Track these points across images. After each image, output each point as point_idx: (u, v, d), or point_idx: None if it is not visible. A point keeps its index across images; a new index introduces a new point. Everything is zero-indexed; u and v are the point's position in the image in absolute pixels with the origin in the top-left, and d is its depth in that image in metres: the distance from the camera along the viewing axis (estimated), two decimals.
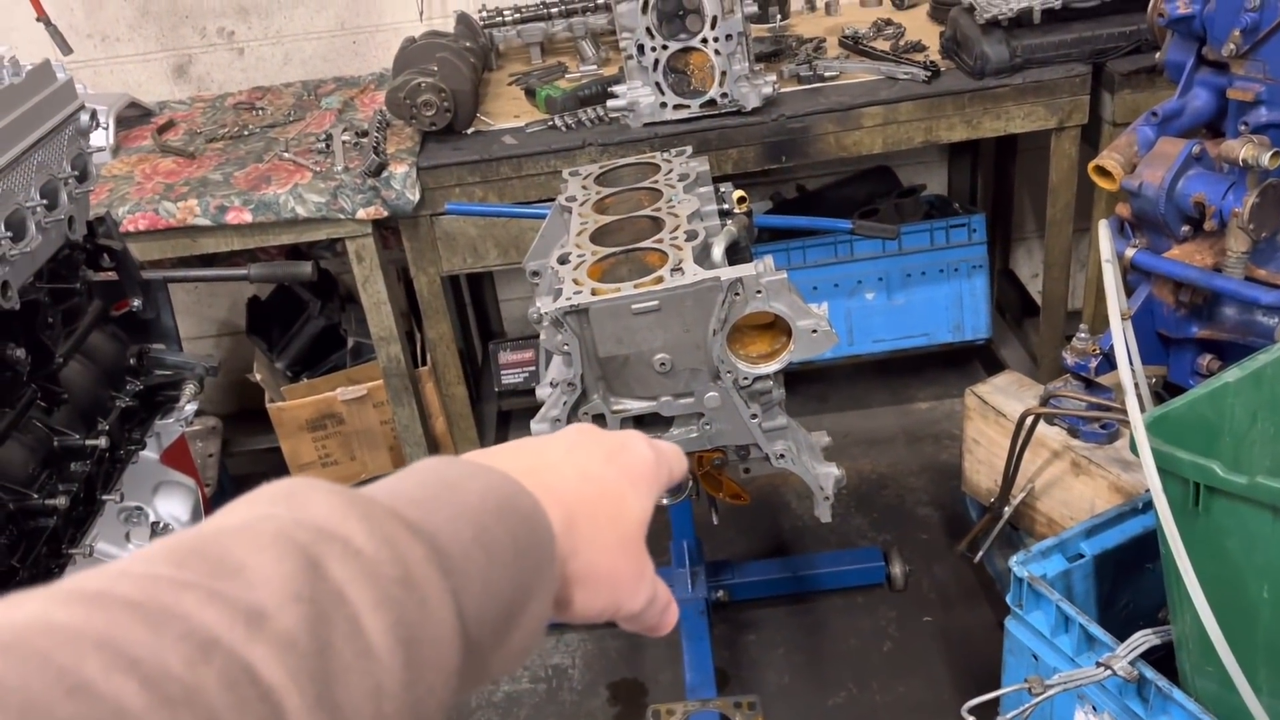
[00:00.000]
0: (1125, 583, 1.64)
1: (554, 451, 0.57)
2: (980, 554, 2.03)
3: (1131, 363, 1.43)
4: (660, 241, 1.48)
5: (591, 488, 0.55)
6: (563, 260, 1.50)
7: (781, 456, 1.54)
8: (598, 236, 1.55)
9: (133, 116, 2.76)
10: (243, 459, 3.04)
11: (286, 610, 0.35)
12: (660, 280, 1.39)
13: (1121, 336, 1.39)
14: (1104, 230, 1.61)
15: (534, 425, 1.51)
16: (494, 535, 0.45)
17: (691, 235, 1.48)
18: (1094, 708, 1.49)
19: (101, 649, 0.30)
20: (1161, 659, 1.42)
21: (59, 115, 1.62)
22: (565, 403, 1.47)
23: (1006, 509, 1.93)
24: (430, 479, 0.47)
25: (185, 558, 0.35)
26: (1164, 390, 1.81)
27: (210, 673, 0.32)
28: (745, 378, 1.45)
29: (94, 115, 1.71)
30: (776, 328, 1.47)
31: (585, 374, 1.45)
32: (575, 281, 1.43)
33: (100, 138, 2.47)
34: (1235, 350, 1.71)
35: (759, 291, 1.39)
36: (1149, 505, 1.61)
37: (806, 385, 3.09)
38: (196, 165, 2.45)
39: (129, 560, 0.36)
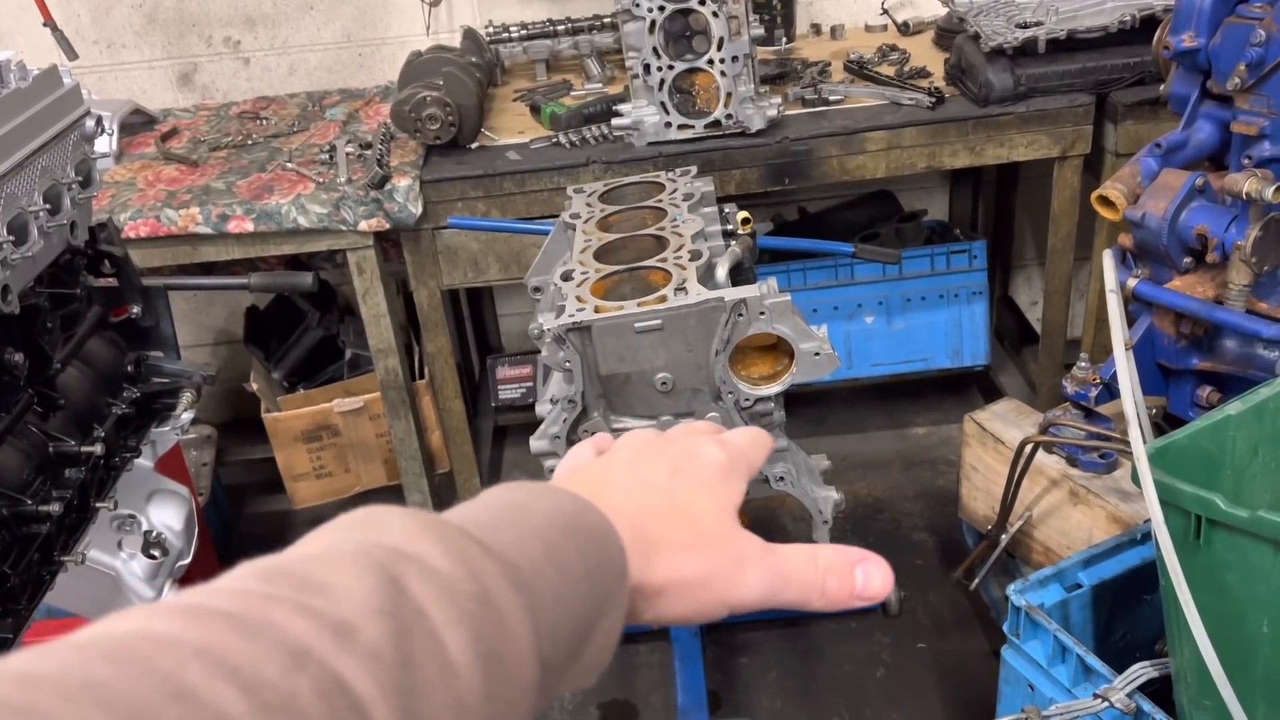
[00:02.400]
0: (1122, 613, 1.64)
1: (616, 470, 0.56)
2: (976, 581, 2.02)
3: (1133, 394, 1.43)
4: (664, 261, 1.48)
5: (660, 499, 0.54)
6: (566, 277, 1.49)
7: (781, 479, 1.54)
8: (601, 254, 1.55)
9: (136, 123, 2.76)
10: (237, 469, 3.02)
11: (371, 623, 0.35)
12: (664, 299, 1.39)
13: (1125, 367, 1.39)
14: (1108, 260, 1.61)
15: (533, 442, 1.51)
16: (564, 553, 0.45)
17: (695, 255, 1.47)
18: None
19: (202, 656, 0.31)
20: (1158, 691, 1.41)
21: (64, 120, 1.62)
22: (565, 420, 1.46)
23: (1004, 536, 1.93)
24: (496, 503, 0.47)
25: (272, 575, 0.37)
26: (1163, 421, 1.81)
27: (304, 681, 0.32)
28: (746, 399, 1.45)
29: (99, 121, 1.70)
30: (779, 350, 1.47)
31: (586, 391, 1.44)
32: (578, 299, 1.42)
33: (104, 144, 2.47)
34: (1235, 383, 1.71)
35: (762, 313, 1.39)
36: (1147, 536, 1.61)
37: (804, 408, 3.09)
38: (199, 173, 2.45)
39: (220, 579, 0.37)
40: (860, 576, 0.55)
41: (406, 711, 0.35)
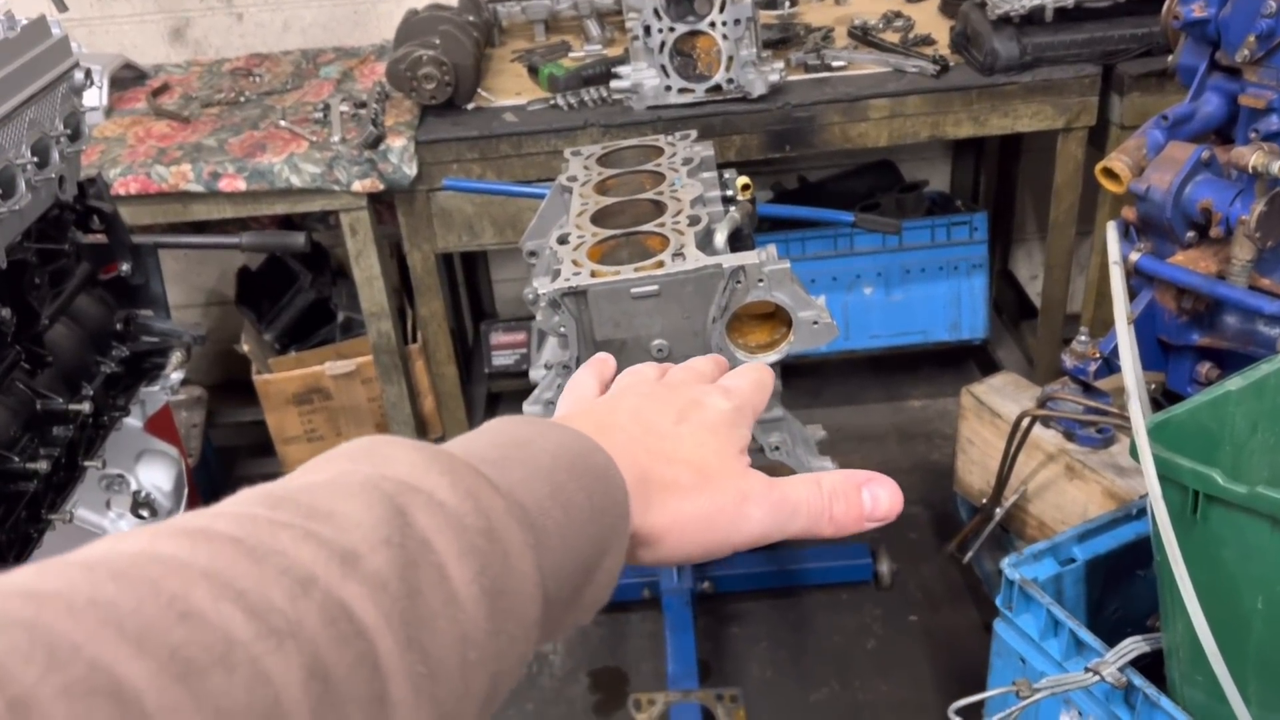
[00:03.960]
0: (1115, 588, 1.63)
1: (622, 413, 0.56)
2: (969, 555, 2.01)
3: (1134, 367, 1.41)
4: (662, 225, 1.46)
5: (665, 444, 0.53)
6: (562, 241, 1.47)
7: (776, 448, 1.52)
8: (598, 218, 1.53)
9: (127, 78, 2.71)
10: (227, 431, 3.01)
11: (377, 553, 0.35)
12: (661, 265, 1.36)
13: (1127, 340, 1.37)
14: (1111, 232, 1.59)
15: (526, 407, 1.49)
16: (569, 492, 0.45)
17: (694, 220, 1.45)
18: (1079, 713, 1.48)
19: (208, 578, 0.31)
20: (1148, 667, 1.41)
21: (53, 72, 1.59)
22: (560, 385, 1.45)
23: (998, 510, 1.92)
24: (503, 438, 0.47)
25: (278, 501, 0.36)
26: (1162, 397, 1.80)
27: (310, 607, 0.32)
28: None
29: (88, 73, 1.67)
30: (777, 318, 1.45)
31: (581, 357, 1.42)
32: (574, 263, 1.40)
33: (94, 97, 2.43)
34: (1235, 359, 1.70)
35: (761, 280, 1.37)
36: (1143, 512, 1.60)
37: (800, 379, 3.08)
38: (191, 130, 2.41)
39: (223, 504, 0.37)
40: (868, 498, 0.55)
41: (411, 641, 0.34)
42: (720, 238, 1.47)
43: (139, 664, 0.27)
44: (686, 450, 0.54)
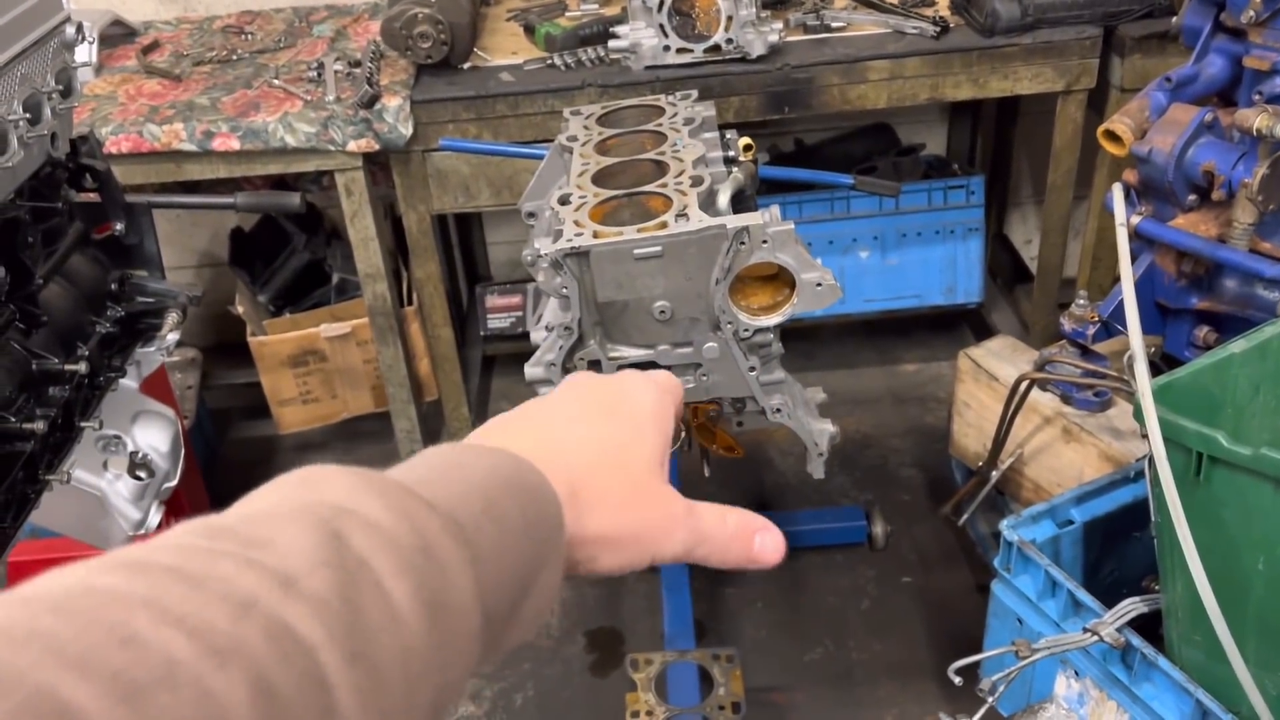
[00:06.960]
0: (1111, 551, 1.65)
1: (556, 427, 0.59)
2: (964, 517, 2.03)
3: (1139, 329, 1.41)
4: (665, 186, 1.44)
5: (592, 450, 0.56)
6: (563, 201, 1.46)
7: (778, 411, 1.52)
8: (599, 178, 1.51)
9: (117, 35, 2.67)
10: (222, 392, 2.99)
11: (316, 574, 0.36)
12: (664, 225, 1.35)
13: (1134, 302, 1.37)
14: (1118, 193, 1.59)
15: (528, 369, 1.48)
16: (503, 509, 0.46)
17: (697, 181, 1.44)
18: (1076, 673, 1.49)
19: (147, 606, 0.32)
20: (1143, 628, 1.42)
21: (44, 26, 1.56)
22: (561, 347, 1.44)
23: (994, 473, 1.93)
24: (436, 462, 0.48)
25: (214, 533, 0.37)
26: (1160, 361, 1.80)
27: (252, 627, 0.33)
28: (746, 329, 1.42)
29: (80, 28, 1.64)
30: (779, 280, 1.44)
31: (583, 318, 1.42)
32: (576, 223, 1.39)
33: (85, 52, 2.40)
34: (1233, 323, 1.70)
35: (765, 241, 1.36)
36: (1140, 474, 1.61)
37: (795, 343, 3.06)
38: (182, 88, 2.37)
39: (160, 536, 0.37)
40: (758, 543, 0.59)
41: (355, 656, 0.35)
42: (723, 199, 1.46)
43: (83, 688, 0.28)
44: (615, 456, 0.56)
